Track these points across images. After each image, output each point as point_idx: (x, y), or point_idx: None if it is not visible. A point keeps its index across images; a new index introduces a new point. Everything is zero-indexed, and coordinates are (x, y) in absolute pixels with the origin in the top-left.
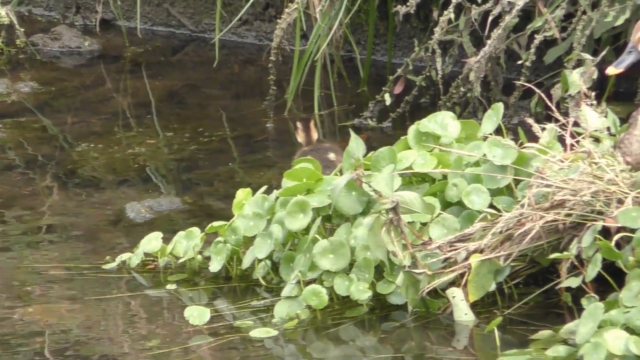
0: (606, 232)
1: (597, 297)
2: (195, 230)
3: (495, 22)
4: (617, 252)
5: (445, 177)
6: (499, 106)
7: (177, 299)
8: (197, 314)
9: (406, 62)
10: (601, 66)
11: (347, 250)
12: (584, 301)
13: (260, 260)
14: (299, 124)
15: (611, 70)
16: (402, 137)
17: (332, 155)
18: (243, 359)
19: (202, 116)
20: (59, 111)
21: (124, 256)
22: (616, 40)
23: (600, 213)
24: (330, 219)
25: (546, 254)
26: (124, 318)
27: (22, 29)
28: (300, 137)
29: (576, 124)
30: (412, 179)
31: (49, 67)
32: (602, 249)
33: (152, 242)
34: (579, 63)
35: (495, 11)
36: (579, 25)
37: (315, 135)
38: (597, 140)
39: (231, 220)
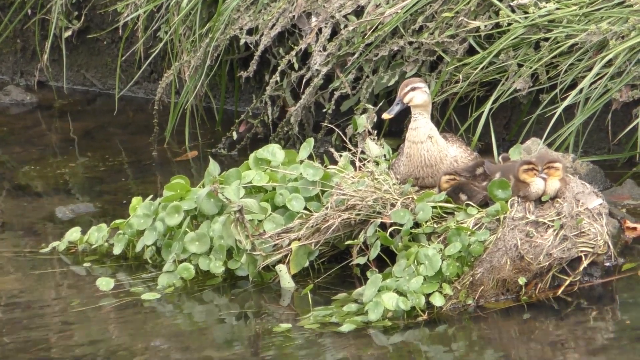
0: (383, 226)
1: (377, 270)
2: (103, 225)
3: (307, 83)
4: (390, 240)
5: (274, 188)
6: (311, 140)
7: (91, 273)
8: (105, 283)
9: (247, 110)
10: (380, 113)
11: (207, 239)
12: (368, 273)
13: (148, 246)
14: None
15: (385, 116)
16: (245, 162)
17: None
18: (136, 314)
19: (107, 147)
20: (10, 144)
21: (55, 243)
22: (389, 95)
23: (379, 213)
24: (196, 218)
25: (343, 241)
26: (54, 286)
27: None
28: None
29: (363, 152)
30: (252, 190)
31: (3, 114)
32: (380, 237)
33: (73, 233)
34: (364, 111)
35: (307, 75)
36: (364, 85)
37: None
38: (377, 163)
39: (128, 219)
